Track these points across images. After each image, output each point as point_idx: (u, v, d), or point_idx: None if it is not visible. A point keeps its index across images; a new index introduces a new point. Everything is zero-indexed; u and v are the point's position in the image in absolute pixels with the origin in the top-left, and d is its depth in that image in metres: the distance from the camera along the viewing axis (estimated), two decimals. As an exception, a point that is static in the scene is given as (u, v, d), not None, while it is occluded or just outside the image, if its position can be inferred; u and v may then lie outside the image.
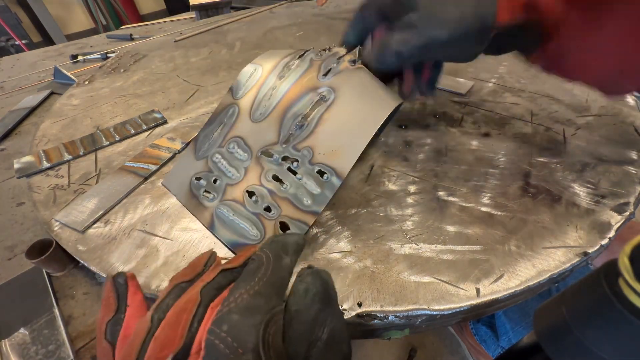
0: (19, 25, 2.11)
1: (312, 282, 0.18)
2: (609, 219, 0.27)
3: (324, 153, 0.27)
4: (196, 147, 0.32)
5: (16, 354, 0.26)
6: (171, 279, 0.19)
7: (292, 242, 0.20)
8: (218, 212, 0.28)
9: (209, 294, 0.17)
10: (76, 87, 0.55)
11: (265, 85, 0.31)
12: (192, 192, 0.31)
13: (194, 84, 0.53)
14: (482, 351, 0.60)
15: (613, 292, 0.13)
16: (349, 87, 0.28)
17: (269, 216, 0.27)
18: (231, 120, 0.31)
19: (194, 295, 0.16)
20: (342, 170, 0.26)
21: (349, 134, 0.26)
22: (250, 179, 0.28)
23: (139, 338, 0.16)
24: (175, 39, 0.71)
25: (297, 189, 0.27)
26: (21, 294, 0.30)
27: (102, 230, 0.30)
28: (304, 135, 0.28)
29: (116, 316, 0.18)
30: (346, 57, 0.30)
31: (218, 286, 0.17)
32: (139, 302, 0.19)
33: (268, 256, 0.18)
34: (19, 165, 0.38)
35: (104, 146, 0.40)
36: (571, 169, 0.32)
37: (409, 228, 0.28)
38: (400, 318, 0.23)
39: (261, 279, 0.17)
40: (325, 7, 0.83)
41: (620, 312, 0.13)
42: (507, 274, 0.24)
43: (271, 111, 0.30)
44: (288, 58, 0.32)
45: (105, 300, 0.19)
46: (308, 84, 0.29)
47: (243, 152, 0.30)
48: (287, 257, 0.19)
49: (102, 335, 0.18)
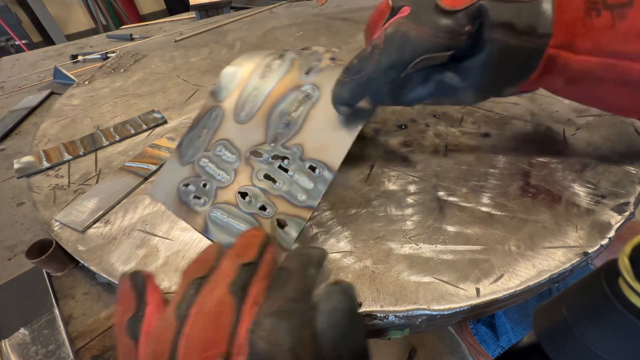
0: (19, 25, 2.11)
1: (340, 300, 0.18)
2: (609, 219, 0.27)
3: (313, 149, 0.27)
4: (180, 153, 0.31)
5: (16, 354, 0.26)
6: (184, 272, 0.19)
7: (315, 256, 0.21)
8: (211, 216, 0.28)
9: (239, 295, 0.17)
10: (76, 87, 0.55)
11: (248, 86, 0.31)
12: (181, 199, 0.30)
13: (194, 84, 0.53)
14: (482, 351, 0.60)
15: (613, 292, 0.13)
16: (333, 84, 0.28)
17: (265, 215, 0.27)
18: (215, 123, 0.31)
19: (225, 296, 0.17)
20: (333, 164, 0.26)
21: (337, 129, 0.27)
22: (241, 180, 0.28)
23: (169, 334, 0.16)
24: (175, 39, 0.71)
25: (290, 185, 0.27)
26: (21, 294, 0.30)
27: (102, 230, 0.30)
28: (292, 133, 0.28)
29: (136, 314, 0.18)
30: (326, 56, 0.31)
31: (243, 284, 0.18)
32: (158, 299, 0.19)
33: (296, 265, 0.19)
34: (19, 165, 0.38)
35: (104, 146, 0.40)
36: (571, 169, 0.32)
37: (409, 228, 0.28)
38: (400, 318, 0.23)
39: (294, 286, 0.18)
40: (325, 7, 0.83)
41: (620, 312, 0.13)
42: (507, 274, 0.24)
43: (256, 111, 0.30)
44: (268, 58, 0.32)
45: (124, 298, 0.19)
46: (291, 82, 0.30)
47: (231, 154, 0.30)
48: (312, 269, 0.20)
49: (124, 332, 0.18)
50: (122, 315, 0.18)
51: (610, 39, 0.22)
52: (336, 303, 0.18)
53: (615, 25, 0.22)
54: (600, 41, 0.23)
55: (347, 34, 0.66)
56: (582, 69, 0.24)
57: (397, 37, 0.22)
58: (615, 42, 0.22)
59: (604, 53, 0.23)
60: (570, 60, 0.23)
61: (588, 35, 0.23)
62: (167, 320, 0.17)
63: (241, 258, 0.19)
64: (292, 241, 0.25)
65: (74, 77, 0.61)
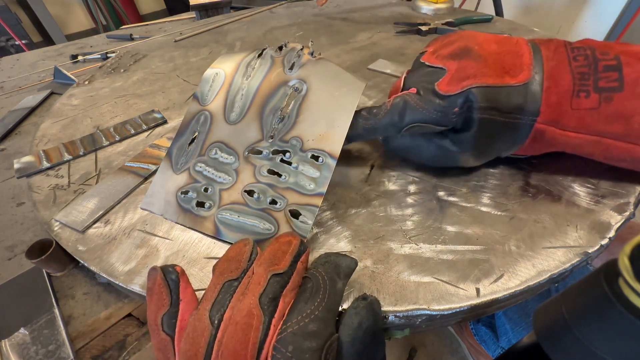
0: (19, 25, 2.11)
1: (366, 315, 0.19)
2: (609, 219, 0.27)
3: (312, 139, 0.28)
4: (172, 162, 0.31)
5: (16, 354, 0.26)
6: (215, 269, 0.19)
7: (344, 265, 0.21)
8: (220, 218, 0.28)
9: (268, 308, 0.18)
10: (76, 87, 0.55)
11: (233, 86, 0.31)
12: (183, 207, 0.30)
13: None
14: (482, 351, 0.60)
15: (613, 292, 0.13)
16: (319, 76, 0.30)
17: (277, 208, 0.27)
18: (205, 127, 0.31)
19: (255, 308, 0.17)
20: (334, 151, 0.27)
21: (331, 117, 0.28)
22: (244, 179, 0.29)
23: (203, 338, 0.17)
24: (175, 39, 0.71)
25: (296, 176, 0.28)
26: (21, 294, 0.30)
27: (102, 230, 0.30)
28: (288, 127, 0.29)
29: (170, 309, 0.19)
30: (305, 50, 0.32)
31: (273, 295, 0.18)
32: (190, 295, 0.20)
33: (324, 279, 0.19)
34: (19, 165, 0.38)
35: (104, 146, 0.40)
36: (571, 169, 0.32)
37: (409, 228, 0.28)
38: (400, 318, 0.23)
39: (320, 304, 0.18)
40: (325, 7, 0.83)
41: (620, 312, 0.13)
42: (507, 274, 0.24)
43: (247, 110, 0.30)
44: (248, 58, 0.32)
45: (157, 294, 0.19)
46: (277, 79, 0.31)
47: (228, 155, 0.30)
48: (340, 281, 0.20)
49: (159, 327, 0.18)
50: (155, 311, 0.19)
51: (595, 120, 0.25)
52: (362, 319, 0.18)
53: (601, 107, 0.24)
54: (585, 121, 0.25)
55: (347, 34, 0.66)
56: (570, 143, 0.26)
57: (400, 105, 0.27)
58: (599, 123, 0.25)
59: (588, 132, 0.25)
60: (557, 135, 0.26)
61: (574, 115, 0.25)
62: (201, 321, 0.17)
63: (273, 267, 0.19)
64: (309, 229, 0.26)
65: (74, 77, 0.61)
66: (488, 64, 0.26)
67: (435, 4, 0.74)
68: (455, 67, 0.27)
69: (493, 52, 0.27)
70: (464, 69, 0.26)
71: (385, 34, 0.65)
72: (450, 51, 0.28)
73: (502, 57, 0.27)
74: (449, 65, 0.27)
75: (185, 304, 0.19)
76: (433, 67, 0.28)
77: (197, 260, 0.27)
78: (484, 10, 0.93)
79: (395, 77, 0.48)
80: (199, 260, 0.27)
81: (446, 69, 0.27)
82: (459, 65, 0.27)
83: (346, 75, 0.30)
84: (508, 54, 0.27)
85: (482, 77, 0.25)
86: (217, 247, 0.28)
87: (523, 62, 0.26)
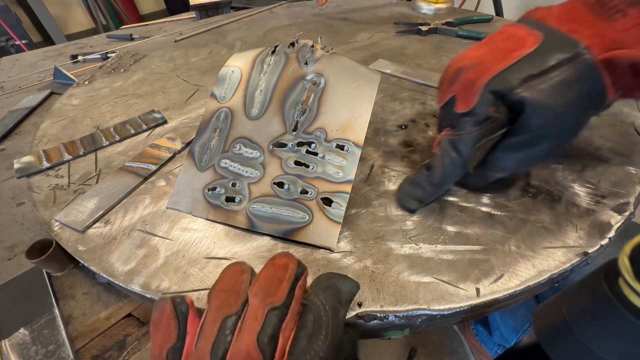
0: (19, 25, 2.11)
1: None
2: (609, 219, 0.27)
3: (336, 129, 0.29)
4: (196, 160, 0.31)
5: (16, 354, 0.26)
6: (211, 299, 0.18)
7: (346, 291, 0.20)
8: (253, 211, 0.29)
9: (268, 348, 0.17)
10: (76, 87, 0.55)
11: (251, 83, 0.32)
12: (211, 203, 0.30)
13: (194, 84, 0.53)
14: (483, 351, 0.60)
15: (613, 292, 0.13)
16: (335, 70, 0.31)
17: (308, 197, 0.28)
18: (227, 124, 0.31)
19: (253, 350, 0.16)
20: (358, 140, 0.29)
21: (352, 108, 0.29)
22: (272, 172, 0.29)
23: None
24: (175, 39, 0.71)
25: (324, 166, 0.29)
26: (21, 294, 0.30)
27: (102, 230, 0.30)
28: (311, 119, 0.30)
29: (176, 344, 0.18)
30: (317, 46, 0.32)
31: (272, 333, 0.17)
32: (197, 328, 0.19)
33: (326, 309, 0.18)
34: (19, 165, 0.38)
35: (104, 146, 0.40)
36: (571, 169, 0.32)
37: (409, 228, 0.28)
38: (400, 318, 0.23)
39: (324, 342, 0.17)
40: (325, 7, 0.83)
41: (620, 312, 0.13)
42: (507, 274, 0.24)
43: (267, 106, 0.31)
44: (262, 55, 0.33)
45: (164, 325, 0.18)
46: (294, 74, 0.31)
47: (253, 150, 0.30)
48: (342, 309, 0.19)
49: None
50: (161, 344, 0.18)
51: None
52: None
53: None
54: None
55: (347, 34, 0.66)
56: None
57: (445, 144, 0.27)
58: None
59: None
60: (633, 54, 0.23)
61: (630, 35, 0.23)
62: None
63: (270, 299, 0.18)
64: (342, 215, 0.27)
65: (74, 77, 0.61)
66: (484, 62, 0.25)
67: (435, 4, 0.74)
68: (459, 87, 0.26)
69: (484, 51, 0.26)
70: (467, 83, 0.26)
71: (385, 34, 0.65)
72: (448, 82, 0.28)
73: (496, 45, 0.26)
74: (454, 90, 0.27)
75: (192, 338, 0.18)
76: (447, 102, 0.28)
77: (197, 260, 0.27)
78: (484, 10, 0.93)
79: (396, 77, 0.48)
80: (199, 260, 0.27)
81: (455, 95, 0.27)
82: (460, 84, 0.26)
83: (361, 67, 0.31)
84: (503, 41, 0.26)
85: (485, 72, 0.25)
86: (217, 247, 0.28)
87: (524, 34, 0.25)
